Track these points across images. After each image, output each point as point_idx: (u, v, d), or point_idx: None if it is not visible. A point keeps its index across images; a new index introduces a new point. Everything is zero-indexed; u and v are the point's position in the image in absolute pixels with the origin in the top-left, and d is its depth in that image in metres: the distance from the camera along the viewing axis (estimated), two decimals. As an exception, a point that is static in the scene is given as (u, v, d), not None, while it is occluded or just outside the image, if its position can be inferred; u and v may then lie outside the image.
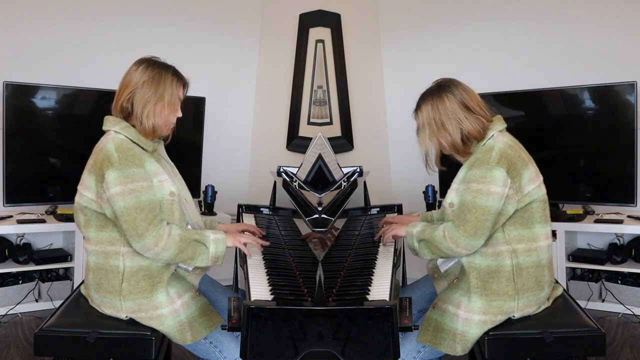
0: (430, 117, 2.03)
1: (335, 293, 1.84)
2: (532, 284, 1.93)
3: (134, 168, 1.88)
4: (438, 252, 1.99)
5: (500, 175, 1.88)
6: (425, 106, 2.05)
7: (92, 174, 1.92)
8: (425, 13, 4.37)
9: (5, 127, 3.45)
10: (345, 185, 2.57)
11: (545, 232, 1.98)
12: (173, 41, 4.15)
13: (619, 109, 3.50)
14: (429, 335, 1.95)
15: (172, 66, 2.04)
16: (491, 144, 1.95)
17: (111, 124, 1.99)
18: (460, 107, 1.99)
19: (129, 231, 1.87)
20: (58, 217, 3.62)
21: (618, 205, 3.58)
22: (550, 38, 3.98)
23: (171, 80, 2.00)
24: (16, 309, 3.43)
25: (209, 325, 1.98)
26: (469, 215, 1.89)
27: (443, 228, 1.96)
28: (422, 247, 2.04)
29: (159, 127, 1.99)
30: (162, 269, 1.97)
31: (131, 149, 1.91)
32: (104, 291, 1.95)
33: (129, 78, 2.00)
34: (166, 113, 1.99)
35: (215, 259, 2.00)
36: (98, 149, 1.95)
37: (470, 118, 1.98)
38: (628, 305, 3.44)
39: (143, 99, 1.96)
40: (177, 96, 2.02)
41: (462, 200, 1.93)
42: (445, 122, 2.00)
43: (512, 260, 1.92)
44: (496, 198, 1.87)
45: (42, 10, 3.84)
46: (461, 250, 1.92)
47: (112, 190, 1.86)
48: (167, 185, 1.95)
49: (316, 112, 4.28)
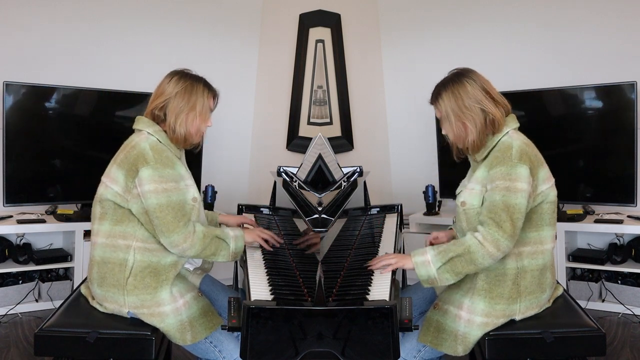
0: (453, 103, 1.96)
1: (335, 293, 1.84)
2: (534, 287, 1.93)
3: (168, 169, 1.96)
4: (470, 267, 1.87)
5: (525, 172, 1.86)
6: (446, 93, 1.97)
7: (122, 168, 1.97)
8: (425, 13, 4.37)
9: (5, 127, 3.45)
10: (345, 185, 2.57)
11: (552, 235, 1.97)
12: (173, 41, 4.15)
13: (619, 109, 3.50)
14: (430, 336, 1.94)
15: (203, 78, 2.14)
16: (508, 142, 1.92)
17: (145, 125, 2.05)
18: (482, 91, 1.95)
19: (159, 227, 1.93)
20: (58, 217, 3.62)
21: (618, 205, 3.58)
22: (550, 38, 3.98)
23: (202, 91, 2.09)
24: (16, 309, 3.44)
25: (209, 326, 2.00)
26: (504, 215, 1.83)
27: (473, 236, 1.88)
28: (444, 272, 1.89)
29: (190, 135, 2.07)
30: (169, 267, 1.99)
31: (165, 151, 2.00)
32: (108, 285, 1.97)
33: (162, 89, 2.08)
34: (197, 122, 2.08)
35: (235, 255, 2.09)
36: (130, 146, 2.01)
37: (492, 103, 1.94)
38: (628, 305, 3.44)
39: (176, 109, 2.04)
40: (208, 106, 2.12)
41: (490, 201, 1.87)
42: (469, 105, 1.94)
43: (517, 263, 1.91)
44: (524, 195, 1.85)
45: (42, 10, 3.84)
46: (500, 253, 1.85)
47: (145, 187, 1.92)
48: (192, 190, 2.04)
49: (316, 112, 4.28)
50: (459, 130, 1.97)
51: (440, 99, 2.00)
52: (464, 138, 1.97)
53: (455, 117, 1.96)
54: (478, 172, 1.95)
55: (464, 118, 1.94)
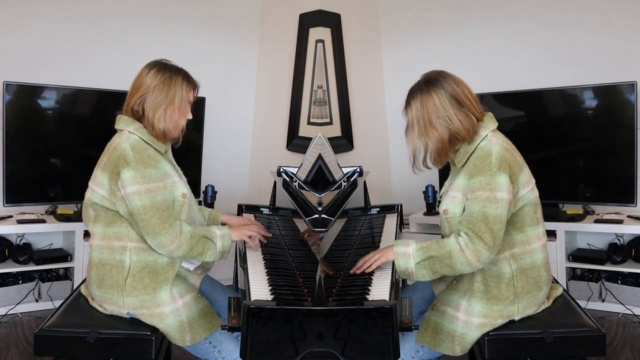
0: (419, 115, 1.94)
1: (335, 293, 1.84)
2: (530, 286, 1.93)
3: (150, 169, 1.92)
4: (447, 269, 1.88)
5: (505, 181, 1.84)
6: (415, 103, 1.96)
7: (105, 172, 1.94)
8: (426, 13, 4.37)
9: (5, 127, 3.45)
10: (345, 185, 2.57)
11: (538, 234, 1.96)
12: (173, 41, 4.15)
13: (619, 109, 3.50)
14: (428, 337, 1.94)
15: (182, 69, 2.08)
16: (487, 148, 1.89)
17: (125, 123, 2.01)
18: (450, 102, 1.91)
19: (145, 229, 1.91)
20: (58, 217, 3.62)
21: (618, 205, 3.58)
22: (550, 38, 3.98)
23: (181, 84, 2.03)
24: (16, 309, 3.44)
25: (208, 327, 1.99)
26: (483, 226, 1.82)
27: (456, 241, 1.87)
28: (422, 268, 1.89)
29: (169, 130, 2.03)
30: (167, 267, 1.98)
31: (146, 150, 1.95)
32: (107, 287, 1.96)
33: (140, 81, 2.03)
34: (176, 117, 2.03)
35: (222, 254, 2.06)
36: (112, 147, 1.98)
37: (460, 115, 1.91)
38: (628, 305, 3.44)
39: (154, 104, 1.99)
40: (187, 99, 2.05)
41: (470, 212, 1.86)
42: (434, 121, 1.92)
43: (511, 265, 1.91)
44: (504, 205, 1.83)
45: (42, 10, 3.84)
46: (479, 264, 1.85)
47: (128, 189, 1.89)
48: (180, 187, 2.01)
49: (316, 112, 4.28)
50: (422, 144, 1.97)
51: (409, 107, 1.99)
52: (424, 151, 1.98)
53: (418, 131, 1.96)
54: (459, 180, 1.93)
55: (426, 135, 1.94)
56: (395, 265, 1.93)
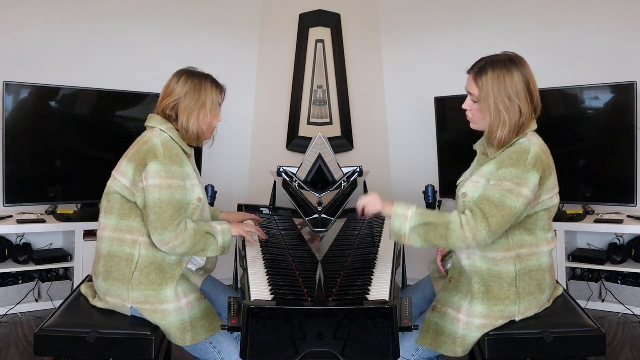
0: (496, 87, 1.86)
1: (335, 293, 1.84)
2: (533, 288, 1.93)
3: (176, 166, 1.99)
4: (439, 240, 1.84)
5: (535, 180, 1.82)
6: (493, 75, 1.88)
7: (132, 162, 2.00)
8: (426, 13, 4.37)
9: (5, 127, 3.45)
10: (345, 185, 2.57)
11: (547, 238, 1.96)
12: (173, 41, 4.15)
13: (619, 109, 3.50)
14: (429, 338, 1.94)
15: (209, 75, 2.18)
16: (526, 145, 1.87)
17: (157, 122, 2.09)
18: (525, 89, 1.88)
19: (154, 222, 1.94)
20: (58, 217, 3.62)
21: (618, 205, 3.58)
22: (550, 38, 3.98)
23: (211, 88, 2.14)
24: (16, 309, 3.44)
25: (210, 328, 2.01)
26: (495, 210, 1.80)
27: (459, 216, 1.84)
28: (416, 233, 1.86)
29: (202, 133, 2.13)
30: (175, 265, 2.01)
31: (175, 149, 2.03)
32: (113, 279, 1.98)
33: (171, 89, 2.11)
34: (209, 119, 2.13)
35: (223, 249, 2.10)
36: (142, 141, 2.04)
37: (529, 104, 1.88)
38: (628, 305, 3.44)
39: (187, 109, 2.08)
40: (217, 102, 2.17)
41: (488, 194, 1.83)
42: (512, 99, 1.86)
43: (515, 265, 1.90)
44: (524, 201, 1.82)
45: (42, 10, 3.83)
46: (475, 244, 1.82)
47: (150, 180, 1.95)
48: (198, 190, 2.06)
49: (316, 112, 4.28)
50: (494, 119, 1.87)
51: (484, 75, 1.89)
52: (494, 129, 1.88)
53: (494, 104, 1.86)
54: (486, 167, 1.91)
55: (503, 109, 1.86)
56: (391, 224, 1.90)
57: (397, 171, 4.48)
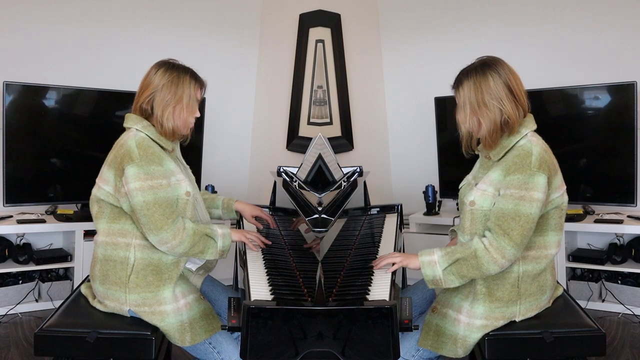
0: (472, 95, 1.90)
1: (335, 293, 1.84)
2: (535, 289, 1.93)
3: (154, 166, 1.94)
4: (474, 272, 1.85)
5: (543, 181, 1.82)
6: (468, 83, 1.92)
7: (111, 168, 1.97)
8: (426, 13, 4.37)
9: (5, 127, 3.45)
10: (345, 185, 2.57)
11: (557, 241, 1.94)
12: (173, 41, 4.15)
13: (619, 109, 3.50)
14: (430, 340, 1.94)
15: (190, 68, 2.11)
16: (527, 147, 1.88)
17: (133, 122, 2.04)
18: (503, 88, 1.90)
19: (146, 225, 1.92)
20: (58, 217, 3.62)
21: (618, 205, 3.58)
22: (550, 38, 3.98)
23: (189, 82, 2.07)
24: (16, 309, 3.44)
25: (209, 329, 2.00)
26: (514, 223, 1.81)
27: (480, 240, 1.86)
28: (449, 274, 1.88)
29: (178, 128, 2.06)
30: (171, 266, 2.00)
31: (151, 147, 1.98)
32: (110, 283, 1.97)
33: (148, 81, 2.06)
34: (185, 115, 2.06)
35: (222, 252, 2.07)
36: (119, 145, 2.01)
37: (510, 103, 1.89)
38: (628, 305, 3.44)
39: (162, 102, 2.02)
40: (195, 98, 2.09)
41: (502, 208, 1.84)
42: (487, 102, 1.89)
43: (520, 266, 1.90)
44: (538, 205, 1.82)
45: (43, 10, 3.84)
46: (506, 261, 1.83)
47: (131, 185, 1.91)
48: (184, 184, 2.01)
49: (316, 112, 4.28)
50: (472, 125, 1.94)
51: (461, 87, 1.94)
52: (476, 132, 1.95)
53: (471, 110, 1.91)
54: (493, 174, 1.90)
55: (480, 114, 1.90)
56: (423, 275, 1.92)
57: (397, 171, 4.48)
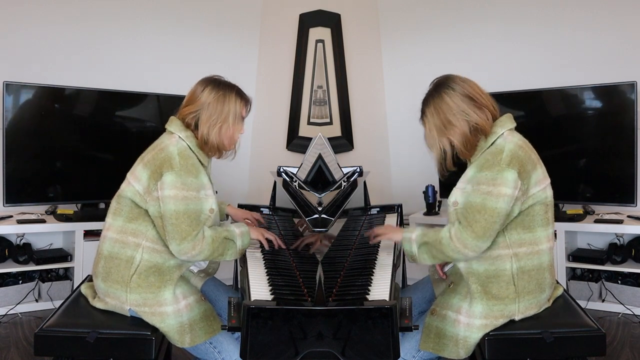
0: (435, 119, 1.97)
1: (335, 293, 1.84)
2: (533, 287, 1.93)
3: (191, 177, 1.96)
4: (441, 255, 1.93)
5: (512, 176, 1.84)
6: (429, 109, 1.98)
7: (147, 169, 1.98)
8: (426, 13, 4.37)
9: (5, 127, 3.45)
10: (345, 185, 2.57)
11: (547, 235, 1.95)
12: (173, 41, 4.15)
13: (619, 109, 3.50)
14: (431, 342, 1.94)
15: (235, 85, 2.14)
16: (501, 145, 1.90)
17: (177, 128, 2.05)
18: (462, 99, 1.93)
19: (171, 233, 1.93)
20: (58, 217, 3.62)
21: (618, 205, 3.58)
22: (550, 38, 3.98)
23: (235, 100, 2.09)
24: (16, 309, 3.44)
25: (209, 330, 2.00)
26: (478, 216, 1.84)
27: (448, 229, 1.91)
28: (423, 252, 1.97)
29: (223, 145, 2.09)
30: (174, 268, 2.00)
31: (191, 158, 1.99)
32: (112, 281, 1.98)
33: (194, 97, 2.07)
34: (231, 132, 2.09)
35: (241, 252, 2.10)
36: (159, 148, 2.01)
37: (475, 109, 1.92)
38: (628, 305, 3.44)
39: (209, 120, 2.04)
40: (240, 115, 2.11)
41: (469, 201, 1.88)
42: (451, 119, 1.93)
43: (513, 264, 1.90)
44: (506, 200, 1.84)
45: (43, 10, 3.84)
46: (468, 251, 1.87)
47: (166, 191, 1.92)
48: (211, 201, 2.02)
49: (316, 112, 4.28)
50: (444, 145, 1.97)
51: (425, 116, 2.02)
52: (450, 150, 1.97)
53: (438, 133, 1.97)
54: (469, 172, 1.94)
55: (448, 133, 1.95)
56: (403, 249, 2.03)
57: (397, 171, 4.48)
